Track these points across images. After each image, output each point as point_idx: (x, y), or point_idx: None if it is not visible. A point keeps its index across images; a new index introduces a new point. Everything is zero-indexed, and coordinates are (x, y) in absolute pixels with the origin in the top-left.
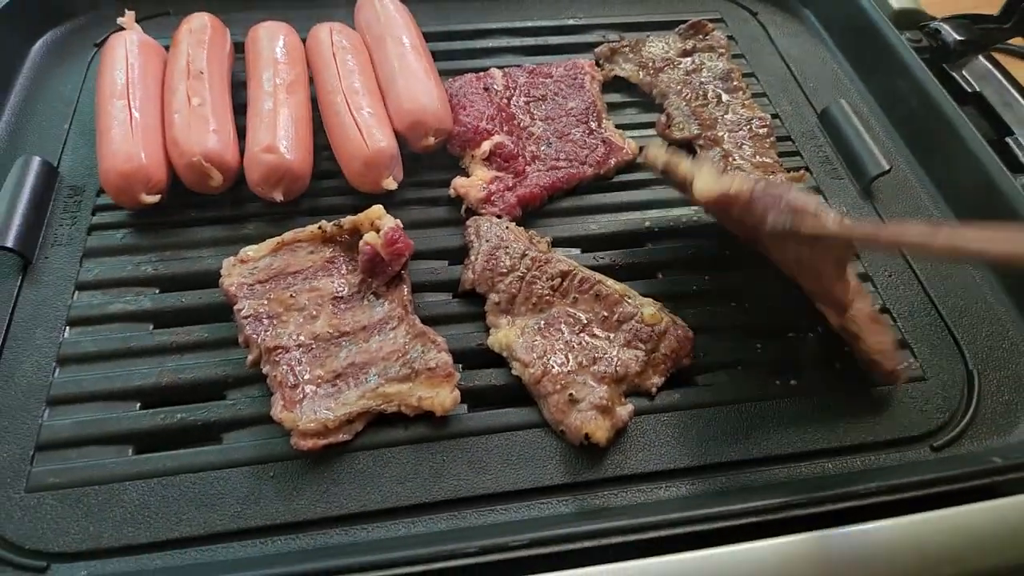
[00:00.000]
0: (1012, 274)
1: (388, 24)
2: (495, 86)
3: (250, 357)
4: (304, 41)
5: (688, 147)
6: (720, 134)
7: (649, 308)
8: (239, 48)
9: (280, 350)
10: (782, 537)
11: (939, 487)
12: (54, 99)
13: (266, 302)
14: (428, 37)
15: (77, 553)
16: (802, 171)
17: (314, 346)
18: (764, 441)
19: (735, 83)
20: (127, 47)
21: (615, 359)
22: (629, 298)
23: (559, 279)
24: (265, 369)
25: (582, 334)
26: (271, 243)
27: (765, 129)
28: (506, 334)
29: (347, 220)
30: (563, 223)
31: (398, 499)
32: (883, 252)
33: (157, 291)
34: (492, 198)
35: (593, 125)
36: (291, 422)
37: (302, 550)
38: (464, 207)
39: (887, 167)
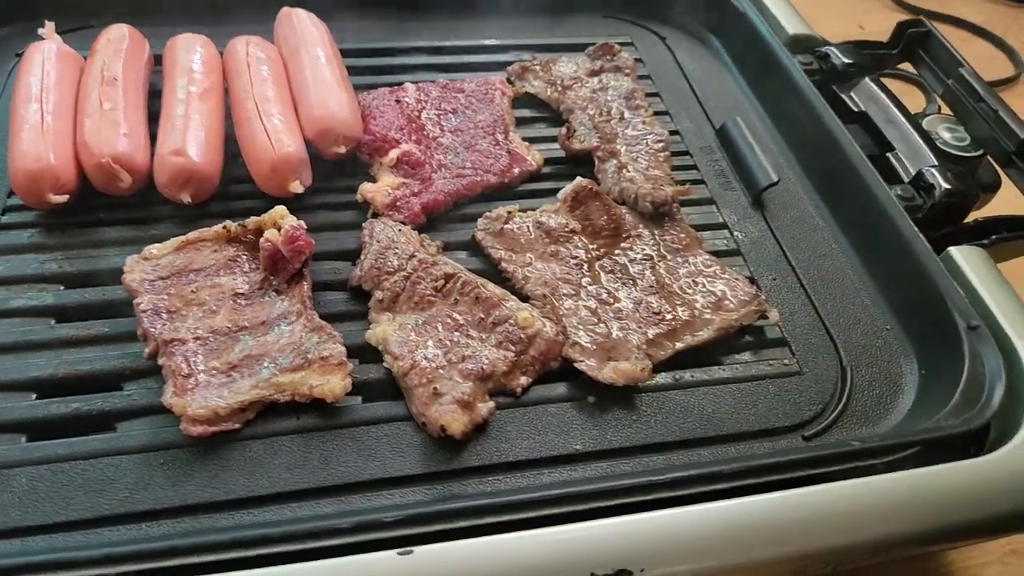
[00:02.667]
0: (883, 278)
1: (304, 37)
2: (407, 99)
3: (147, 350)
4: (222, 54)
5: (587, 158)
6: (618, 147)
7: (523, 312)
8: (160, 60)
9: (176, 342)
10: (645, 513)
11: (801, 470)
12: None
13: (166, 297)
14: (348, 53)
15: None
16: (688, 184)
17: (211, 339)
18: (641, 431)
19: (638, 101)
20: (44, 55)
21: (484, 358)
22: (507, 302)
23: (443, 281)
24: (161, 361)
25: (455, 333)
26: (175, 241)
27: (661, 144)
28: (384, 329)
29: (251, 220)
30: (468, 228)
31: (286, 484)
32: None
33: (61, 288)
34: (397, 204)
35: (500, 137)
36: (180, 408)
37: (184, 531)
38: (371, 212)
39: (776, 179)
